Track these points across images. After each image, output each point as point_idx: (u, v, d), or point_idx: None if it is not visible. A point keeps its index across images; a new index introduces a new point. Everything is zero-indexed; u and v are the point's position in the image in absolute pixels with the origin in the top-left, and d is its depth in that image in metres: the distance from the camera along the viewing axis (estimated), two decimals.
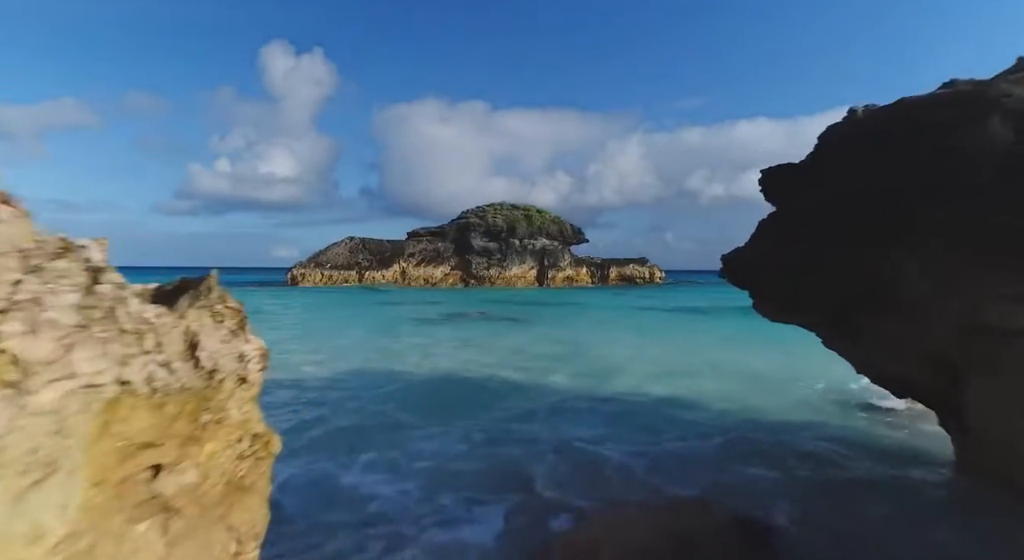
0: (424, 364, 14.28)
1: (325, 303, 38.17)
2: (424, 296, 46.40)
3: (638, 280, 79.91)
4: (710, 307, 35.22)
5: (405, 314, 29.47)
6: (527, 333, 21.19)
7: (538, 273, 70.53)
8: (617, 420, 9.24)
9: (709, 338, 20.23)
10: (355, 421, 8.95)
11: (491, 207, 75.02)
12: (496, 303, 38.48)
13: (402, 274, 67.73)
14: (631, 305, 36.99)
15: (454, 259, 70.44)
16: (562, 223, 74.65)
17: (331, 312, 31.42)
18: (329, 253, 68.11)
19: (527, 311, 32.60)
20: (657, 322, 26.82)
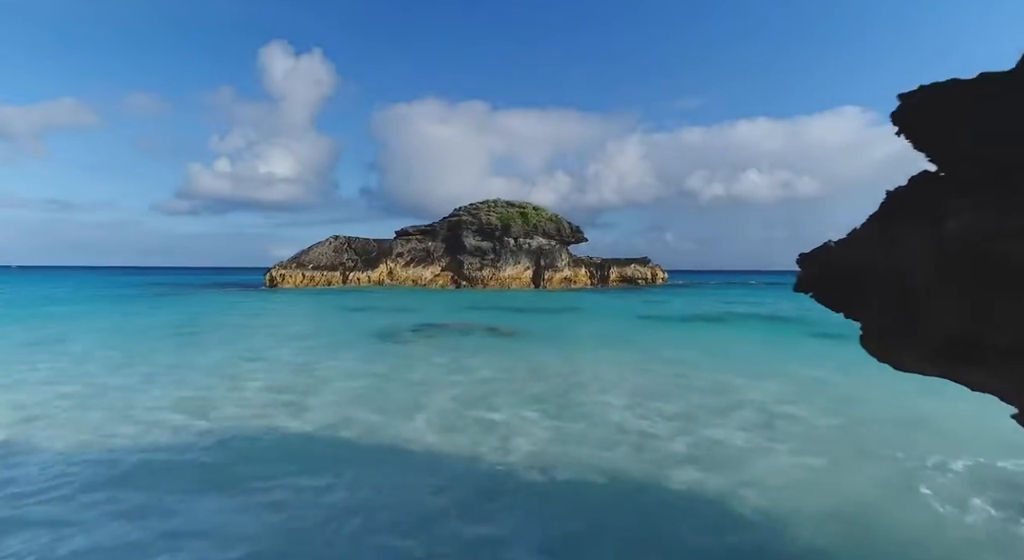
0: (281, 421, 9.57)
1: (284, 309, 33.80)
2: (406, 300, 42.05)
3: (639, 281, 75.54)
4: (725, 315, 30.85)
5: (367, 325, 25.09)
6: (504, 359, 16.75)
7: (534, 274, 66.16)
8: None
9: (743, 366, 15.76)
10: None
11: (485, 204, 70.64)
12: (483, 309, 34.13)
13: (389, 275, 63.36)
14: (634, 312, 32.59)
15: (445, 259, 66.08)
16: (560, 221, 70.28)
17: (277, 321, 27.07)
18: (312, 253, 63.76)
19: (516, 320, 28.26)
20: (668, 337, 22.40)
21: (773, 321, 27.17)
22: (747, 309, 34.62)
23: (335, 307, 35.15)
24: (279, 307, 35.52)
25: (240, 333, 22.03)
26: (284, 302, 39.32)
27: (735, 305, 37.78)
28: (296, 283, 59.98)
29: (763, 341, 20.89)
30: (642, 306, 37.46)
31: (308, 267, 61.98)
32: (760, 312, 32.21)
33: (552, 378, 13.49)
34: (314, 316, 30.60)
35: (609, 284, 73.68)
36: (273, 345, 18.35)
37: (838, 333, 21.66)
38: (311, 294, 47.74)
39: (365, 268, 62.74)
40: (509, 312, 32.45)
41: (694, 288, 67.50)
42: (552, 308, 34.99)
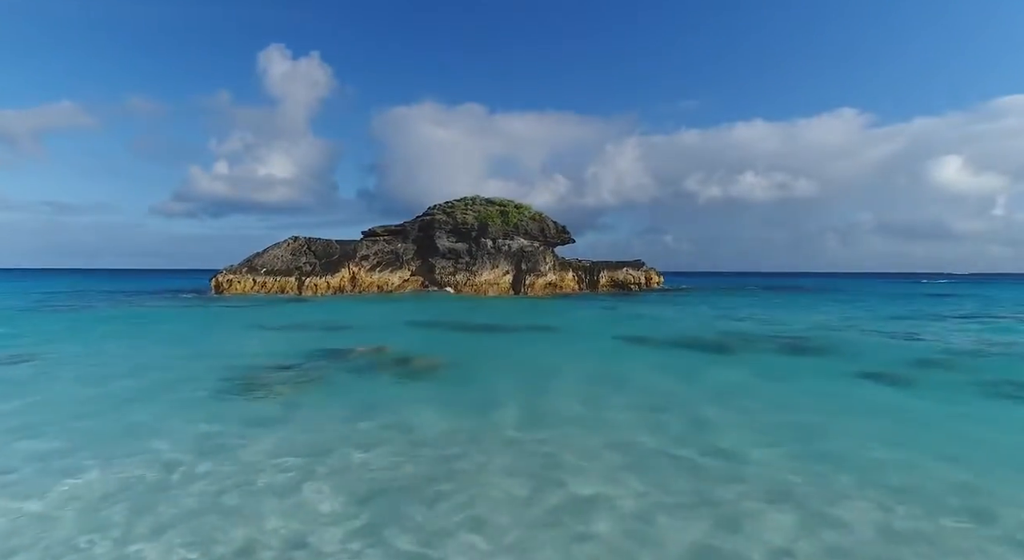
0: None
1: (174, 328, 26.34)
2: (348, 312, 34.78)
3: (632, 287, 68.24)
4: (732, 338, 23.30)
5: (245, 359, 17.74)
6: (372, 434, 9.32)
7: (514, 279, 58.87)
8: None
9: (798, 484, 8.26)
10: None
11: (462, 202, 63.41)
12: (428, 326, 26.88)
13: (352, 280, 56.06)
14: (616, 331, 25.21)
15: (415, 262, 58.80)
16: (544, 220, 63.03)
17: (127, 352, 19.70)
18: (266, 256, 56.49)
19: (455, 344, 20.97)
20: (654, 386, 14.97)
21: (797, 354, 19.84)
22: (756, 327, 27.32)
23: (246, 324, 27.84)
24: (171, 325, 28.22)
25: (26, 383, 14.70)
26: (191, 317, 32.02)
27: (741, 322, 30.47)
28: (245, 289, 52.70)
29: (800, 396, 13.54)
30: (628, 322, 30.10)
31: (260, 271, 54.71)
32: (774, 333, 24.84)
33: (411, 503, 6.12)
34: (195, 340, 23.27)
35: (599, 289, 66.44)
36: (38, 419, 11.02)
37: (908, 377, 14.42)
38: (247, 304, 40.43)
39: (324, 273, 55.43)
40: (456, 331, 25.16)
41: (691, 295, 60.20)
42: (513, 326, 27.65)
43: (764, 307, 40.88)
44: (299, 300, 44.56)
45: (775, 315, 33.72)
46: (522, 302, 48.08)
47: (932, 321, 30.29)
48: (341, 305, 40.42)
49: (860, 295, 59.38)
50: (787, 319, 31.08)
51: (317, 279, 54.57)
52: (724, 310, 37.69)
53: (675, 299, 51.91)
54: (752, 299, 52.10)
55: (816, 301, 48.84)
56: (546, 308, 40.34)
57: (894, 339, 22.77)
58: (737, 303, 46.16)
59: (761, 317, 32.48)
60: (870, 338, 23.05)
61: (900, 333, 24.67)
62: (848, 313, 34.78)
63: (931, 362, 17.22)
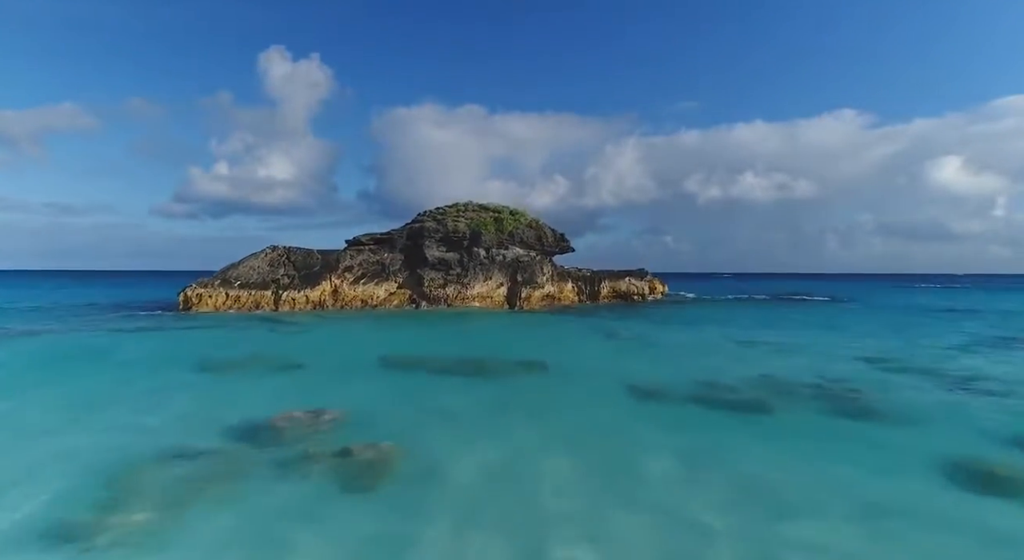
0: None
1: (94, 376, 21.70)
2: (314, 339, 30.29)
3: (635, 297, 63.78)
4: (777, 389, 18.61)
5: (131, 437, 13.17)
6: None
7: (509, 291, 54.32)
8: None
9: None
10: None
11: (453, 208, 58.86)
12: (402, 368, 22.31)
13: (334, 294, 51.52)
14: (628, 375, 20.63)
15: (402, 274, 54.25)
16: (541, 228, 58.47)
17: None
18: (242, 267, 51.94)
19: (429, 404, 16.43)
20: (692, 493, 10.27)
21: (865, 421, 15.33)
22: (790, 367, 22.75)
23: (184, 364, 23.18)
24: (90, 369, 23.66)
25: None
26: (129, 352, 27.45)
27: (769, 357, 25.93)
28: (216, 305, 48.16)
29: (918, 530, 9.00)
30: (633, 356, 25.51)
31: (234, 285, 50.16)
32: (815, 378, 20.24)
33: None
34: (93, 402, 18.69)
35: (600, 300, 61.97)
36: None
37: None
38: (207, 326, 35.88)
39: (304, 286, 50.89)
40: (428, 376, 20.57)
41: (698, 309, 55.62)
42: (500, 363, 23.05)
43: (784, 328, 36.26)
44: (271, 319, 40.02)
45: (801, 341, 29.11)
46: (516, 320, 43.57)
47: (1005, 351, 25.73)
48: (311, 327, 35.87)
49: (880, 308, 54.81)
50: (818, 349, 26.50)
51: (295, 293, 50.04)
52: (741, 332, 33.10)
53: (681, 314, 47.33)
54: (765, 314, 47.44)
55: (837, 318, 44.20)
56: (542, 330, 35.83)
57: (996, 396, 18.13)
58: (751, 321, 41.57)
59: (787, 345, 27.89)
60: (956, 395, 18.47)
61: (997, 381, 20.03)
62: (889, 341, 30.14)
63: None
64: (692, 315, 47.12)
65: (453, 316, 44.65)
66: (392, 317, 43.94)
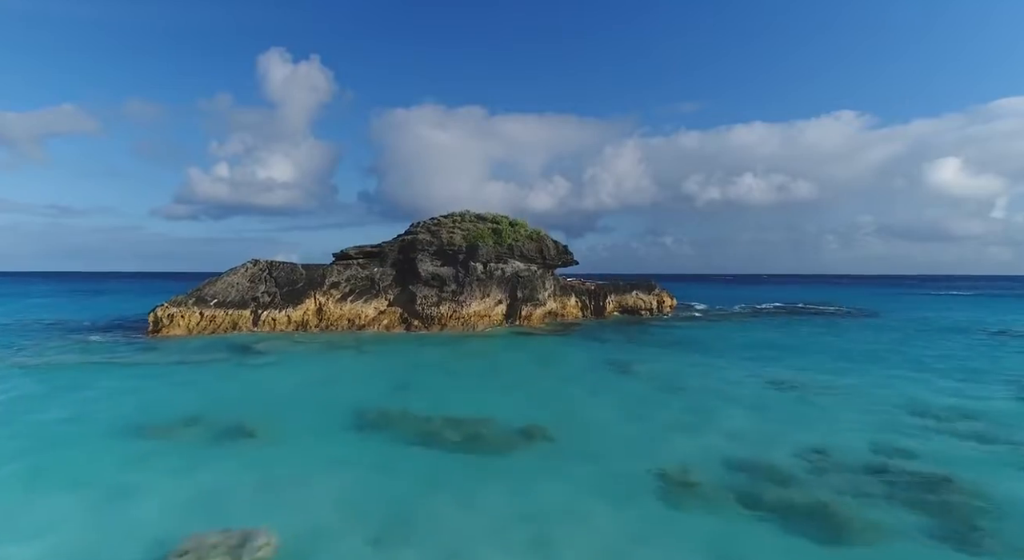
0: None
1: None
2: (278, 376, 25.82)
3: (643, 312, 59.33)
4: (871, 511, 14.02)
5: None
6: None
7: (508, 309, 49.82)
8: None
9: None
10: None
11: (448, 218, 54.37)
12: (368, 431, 17.88)
13: (318, 313, 47.03)
14: (651, 454, 16.24)
15: (394, 290, 49.75)
16: (543, 239, 53.97)
17: None
18: (220, 283, 47.46)
19: (386, 515, 12.02)
20: None
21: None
22: (876, 446, 18.25)
23: (106, 426, 18.70)
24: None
25: None
26: (49, 405, 22.97)
27: (835, 416, 21.51)
28: (190, 327, 43.70)
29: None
30: (659, 413, 20.99)
31: (210, 303, 45.70)
32: (914, 492, 15.54)
33: None
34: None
35: (606, 316, 57.53)
36: None
37: None
38: (164, 361, 31.39)
39: (286, 304, 46.41)
40: (398, 451, 16.10)
41: (712, 328, 51.15)
42: (490, 424, 18.61)
43: (820, 357, 31.70)
44: (243, 348, 35.54)
45: (852, 382, 24.57)
46: (515, 346, 39.16)
47: None
48: (285, 360, 31.37)
49: (912, 324, 50.23)
50: (883, 396, 21.98)
51: (276, 312, 45.55)
52: (774, 367, 28.58)
53: (696, 337, 42.86)
54: (790, 336, 42.84)
55: (874, 341, 39.52)
56: (544, 367, 31.35)
57: None
58: (778, 346, 37.03)
59: (842, 390, 23.35)
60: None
61: None
62: (962, 381, 25.61)
63: None
64: (708, 338, 42.63)
65: (447, 342, 40.17)
66: (379, 343, 39.47)
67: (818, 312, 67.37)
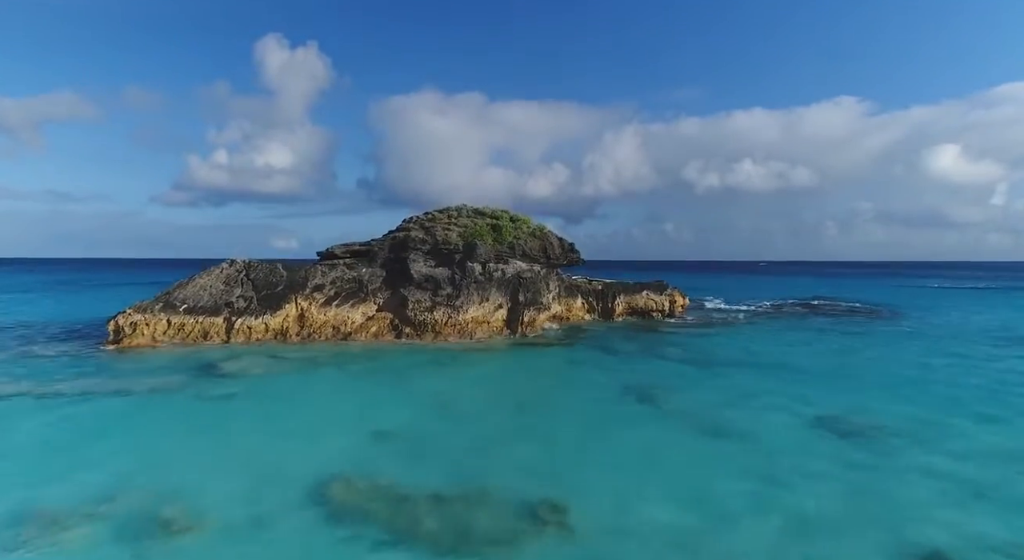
0: None
1: None
2: (240, 416, 20.99)
3: (654, 314, 54.46)
4: None
5: None
6: None
7: (509, 314, 44.86)
8: None
9: None
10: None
11: (443, 214, 49.18)
12: (332, 521, 13.10)
13: (299, 319, 42.08)
14: (696, 514, 11.50)
15: (384, 293, 44.75)
16: (546, 236, 48.85)
17: None
18: (191, 287, 42.41)
19: None
20: None
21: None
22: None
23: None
24: None
25: None
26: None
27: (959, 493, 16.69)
28: (155, 335, 38.77)
29: None
30: (701, 469, 16.17)
31: (179, 309, 40.71)
32: None
33: None
34: None
35: (614, 318, 52.67)
36: None
37: None
38: (114, 386, 26.49)
39: (264, 310, 41.42)
40: (354, 545, 11.37)
41: (736, 335, 46.29)
42: (500, 511, 13.80)
43: (871, 380, 26.90)
44: (208, 368, 30.66)
45: (938, 434, 19.67)
46: (516, 364, 34.38)
47: None
48: (251, 388, 26.49)
49: (953, 329, 45.33)
50: (991, 466, 17.12)
51: (252, 320, 40.57)
52: (818, 394, 23.74)
53: (719, 348, 37.99)
54: (823, 347, 37.86)
55: (926, 353, 34.45)
56: (549, 395, 26.54)
57: None
58: (815, 363, 32.17)
59: (925, 441, 18.48)
60: None
61: None
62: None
63: None
64: (736, 351, 37.74)
65: (440, 358, 35.27)
66: (365, 358, 34.58)
67: (843, 312, 62.34)
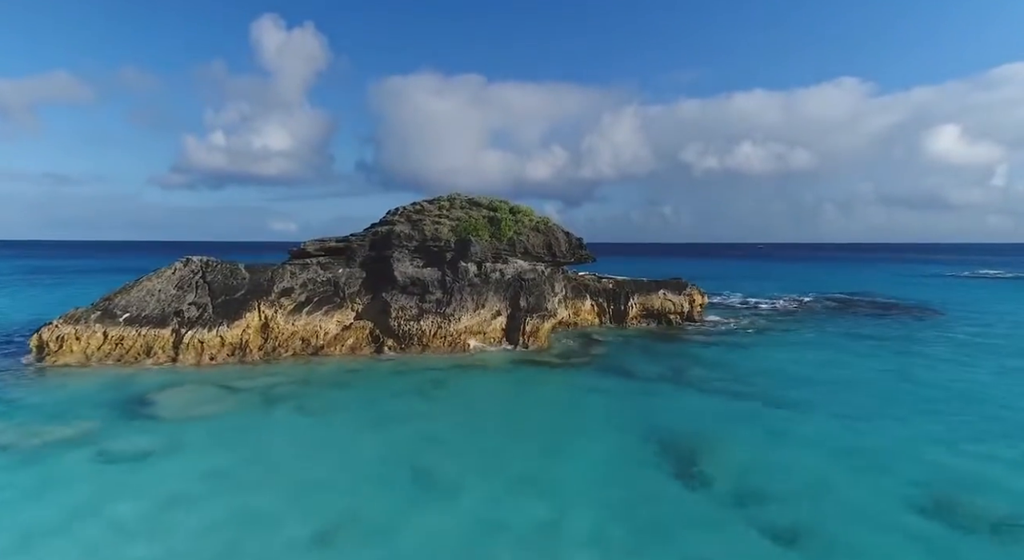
0: None
1: None
2: (135, 491, 14.47)
3: (672, 316, 47.69)
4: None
5: None
6: None
7: (509, 322, 38.06)
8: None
9: None
10: None
11: (434, 204, 42.07)
12: None
13: (263, 330, 35.28)
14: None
15: (363, 298, 37.90)
16: (552, 230, 41.78)
17: None
18: (136, 291, 35.53)
19: None
20: None
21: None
22: None
23: None
24: None
25: None
26: None
27: None
28: (88, 352, 32.02)
29: None
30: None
31: (119, 319, 33.87)
32: None
33: None
34: None
35: (628, 322, 45.94)
36: None
37: None
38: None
39: (220, 320, 34.58)
40: None
41: (775, 345, 39.65)
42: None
43: (981, 427, 20.30)
44: (129, 409, 23.98)
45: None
46: (515, 396, 27.74)
47: None
48: (165, 446, 19.79)
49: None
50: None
51: (205, 332, 33.73)
52: (941, 485, 17.20)
53: (757, 364, 31.33)
54: (895, 367, 31.08)
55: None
56: (561, 453, 19.87)
57: None
58: (900, 393, 25.54)
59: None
60: None
61: None
62: None
63: None
64: (777, 373, 31.06)
65: (424, 384, 28.59)
66: (334, 385, 27.91)
67: (882, 312, 55.39)
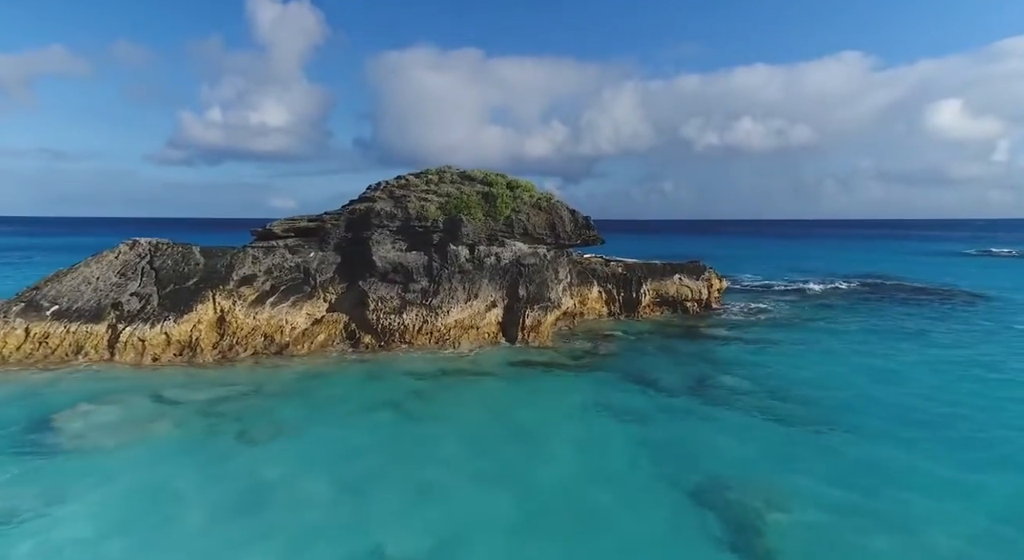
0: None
1: None
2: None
3: (689, 304, 42.23)
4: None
5: None
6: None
7: (506, 315, 32.55)
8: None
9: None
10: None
11: (420, 178, 36.08)
12: None
13: (218, 325, 29.77)
14: None
15: (337, 286, 32.29)
16: (555, 208, 35.87)
17: None
18: (69, 278, 29.93)
19: None
20: None
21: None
22: None
23: None
24: None
25: None
26: None
27: None
28: (7, 352, 26.58)
29: None
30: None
31: (47, 312, 28.35)
32: None
33: None
34: None
35: (640, 312, 40.50)
36: None
37: None
38: None
39: (166, 313, 29.04)
40: None
41: (812, 338, 34.22)
42: None
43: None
44: (34, 431, 18.65)
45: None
46: (514, 410, 22.42)
47: None
48: (73, 474, 14.47)
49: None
50: None
51: (146, 329, 28.21)
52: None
53: (801, 384, 25.99)
54: (956, 374, 25.76)
55: None
56: (564, 484, 14.57)
57: None
58: (970, 410, 20.30)
59: None
60: None
61: None
62: None
63: None
64: (819, 381, 25.76)
65: (403, 394, 23.25)
66: (294, 398, 22.54)
67: (917, 296, 49.83)
